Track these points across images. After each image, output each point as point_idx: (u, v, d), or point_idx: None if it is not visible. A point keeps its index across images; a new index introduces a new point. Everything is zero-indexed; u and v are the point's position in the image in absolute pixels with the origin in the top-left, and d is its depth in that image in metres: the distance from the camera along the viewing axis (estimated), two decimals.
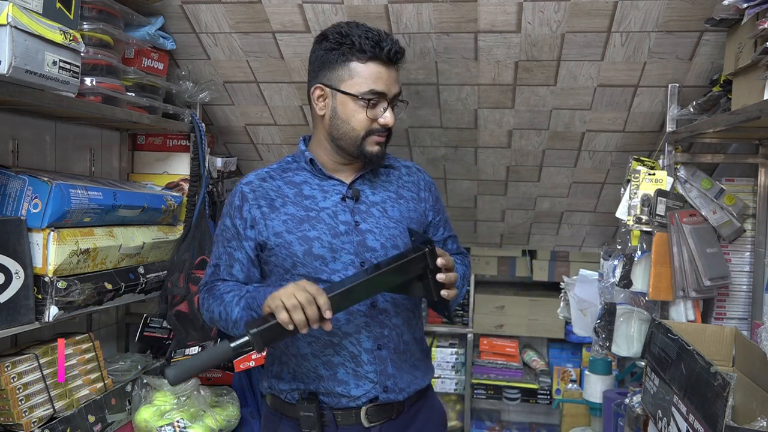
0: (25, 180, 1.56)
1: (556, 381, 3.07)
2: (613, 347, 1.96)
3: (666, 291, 1.86)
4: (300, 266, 1.41)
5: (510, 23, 1.92)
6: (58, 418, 1.62)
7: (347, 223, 1.43)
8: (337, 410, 1.42)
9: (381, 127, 1.42)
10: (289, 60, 2.18)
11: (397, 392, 1.45)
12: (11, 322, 1.47)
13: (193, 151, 2.17)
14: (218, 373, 2.14)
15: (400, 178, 1.55)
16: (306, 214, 1.43)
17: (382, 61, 1.39)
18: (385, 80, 1.39)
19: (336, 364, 1.42)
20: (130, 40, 1.90)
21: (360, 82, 1.39)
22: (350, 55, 1.39)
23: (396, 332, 1.45)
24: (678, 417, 1.34)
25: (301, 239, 1.40)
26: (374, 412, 1.43)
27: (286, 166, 1.52)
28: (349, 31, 1.40)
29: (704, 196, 1.92)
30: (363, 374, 1.42)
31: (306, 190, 1.46)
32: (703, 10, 1.79)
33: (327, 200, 1.45)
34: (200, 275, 1.94)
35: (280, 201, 1.45)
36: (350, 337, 1.41)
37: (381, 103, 1.41)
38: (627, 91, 2.13)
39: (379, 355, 1.43)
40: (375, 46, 1.37)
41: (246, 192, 1.46)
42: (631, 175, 1.96)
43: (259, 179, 1.49)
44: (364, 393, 1.42)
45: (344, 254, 1.41)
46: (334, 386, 1.42)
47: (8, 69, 1.26)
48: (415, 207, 1.53)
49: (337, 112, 1.42)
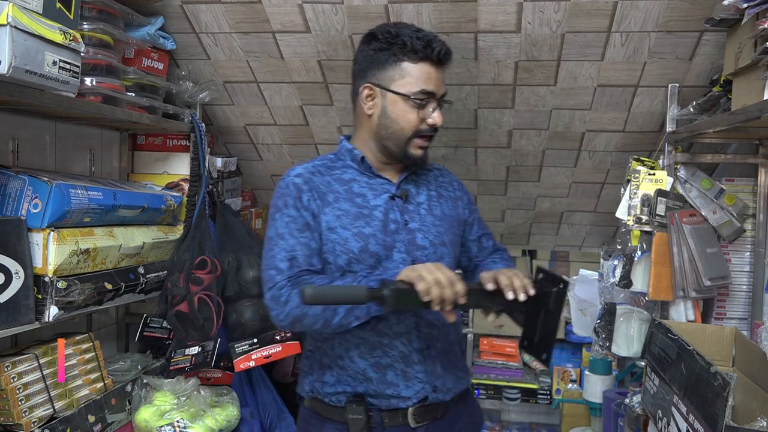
0: (25, 180, 1.56)
1: (556, 381, 3.07)
2: (613, 347, 1.96)
3: (666, 291, 1.86)
4: (355, 263, 1.38)
5: (510, 23, 1.92)
6: (58, 418, 1.62)
7: (397, 221, 1.43)
8: (384, 412, 1.41)
9: (429, 127, 1.42)
10: (289, 60, 2.18)
11: (444, 392, 1.45)
12: (11, 322, 1.47)
13: (193, 151, 2.17)
14: (218, 373, 2.14)
15: (436, 179, 1.56)
16: (359, 211, 1.41)
17: (432, 62, 1.40)
18: (435, 81, 1.40)
19: (385, 366, 1.40)
20: (130, 40, 1.90)
21: (411, 82, 1.39)
22: (402, 55, 1.39)
23: (443, 332, 1.46)
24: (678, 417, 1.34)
25: (357, 235, 1.39)
26: (421, 413, 1.42)
27: (330, 164, 1.49)
28: (399, 31, 1.40)
29: (704, 196, 1.92)
30: (413, 374, 1.41)
31: (355, 187, 1.45)
32: (703, 10, 1.79)
33: (377, 198, 1.44)
34: (200, 275, 1.95)
35: (331, 196, 1.42)
36: (401, 337, 1.40)
37: (430, 103, 1.41)
38: (627, 91, 2.13)
39: (429, 354, 1.43)
40: (426, 47, 1.38)
41: (300, 183, 1.42)
42: (631, 175, 1.96)
43: (308, 172, 1.45)
44: (414, 393, 1.41)
45: (396, 252, 1.41)
46: (384, 388, 1.40)
47: (8, 69, 1.26)
48: (453, 206, 1.55)
49: (386, 111, 1.42)
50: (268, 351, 1.97)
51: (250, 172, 2.81)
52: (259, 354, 1.97)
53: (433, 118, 1.41)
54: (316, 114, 2.43)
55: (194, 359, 1.93)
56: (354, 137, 1.52)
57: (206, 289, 1.94)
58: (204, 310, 1.92)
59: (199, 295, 1.92)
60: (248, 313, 2.01)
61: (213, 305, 1.93)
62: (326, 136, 2.54)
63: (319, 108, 2.39)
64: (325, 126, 2.48)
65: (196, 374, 1.97)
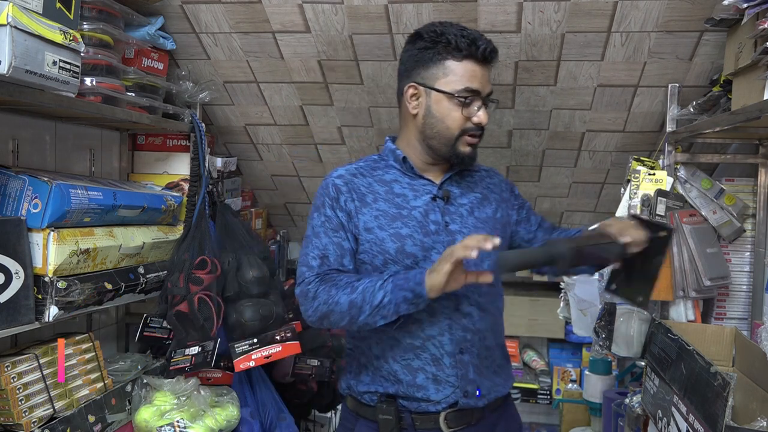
0: (25, 180, 1.56)
1: (556, 381, 3.07)
2: (613, 347, 1.96)
3: (666, 291, 1.86)
4: (391, 264, 1.39)
5: (510, 23, 1.92)
6: (58, 418, 1.62)
7: (437, 222, 1.42)
8: (416, 414, 1.40)
9: (475, 126, 1.40)
10: (289, 60, 2.18)
11: (477, 398, 1.42)
12: (11, 322, 1.47)
13: (193, 151, 2.17)
14: (218, 373, 2.13)
15: (482, 180, 1.54)
16: (398, 212, 1.41)
17: (477, 60, 1.38)
18: (480, 79, 1.39)
19: (415, 368, 1.40)
20: (130, 40, 1.90)
21: (455, 80, 1.38)
22: (446, 54, 1.38)
23: (479, 337, 1.43)
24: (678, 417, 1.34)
25: (394, 236, 1.39)
26: (453, 418, 1.41)
27: (373, 164, 1.50)
28: (444, 30, 1.39)
29: (704, 196, 1.92)
30: (443, 378, 1.40)
31: (396, 188, 1.45)
32: (703, 10, 1.79)
33: (418, 199, 1.43)
34: (200, 275, 1.94)
35: (371, 197, 1.43)
36: (433, 339, 1.39)
37: (475, 101, 1.39)
38: (627, 91, 2.13)
39: (461, 359, 1.41)
40: (471, 45, 1.37)
41: (339, 184, 1.44)
42: (631, 175, 1.96)
43: (350, 174, 1.46)
44: (444, 397, 1.40)
45: (435, 254, 1.39)
46: (414, 391, 1.39)
47: (8, 69, 1.26)
48: (499, 208, 1.52)
49: (431, 110, 1.41)
50: (268, 351, 1.97)
51: (250, 172, 2.81)
52: (259, 354, 1.97)
53: (478, 116, 1.39)
54: (316, 114, 2.43)
55: (194, 359, 1.93)
56: (399, 138, 1.51)
57: (206, 289, 1.94)
58: (204, 310, 1.92)
59: (199, 295, 1.92)
60: (248, 313, 2.01)
61: (213, 305, 1.93)
62: (326, 136, 2.54)
63: (319, 108, 2.39)
64: (325, 126, 2.48)
65: (196, 374, 1.97)
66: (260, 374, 2.18)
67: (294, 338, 2.04)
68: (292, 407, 2.25)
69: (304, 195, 2.92)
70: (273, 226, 3.13)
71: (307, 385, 2.33)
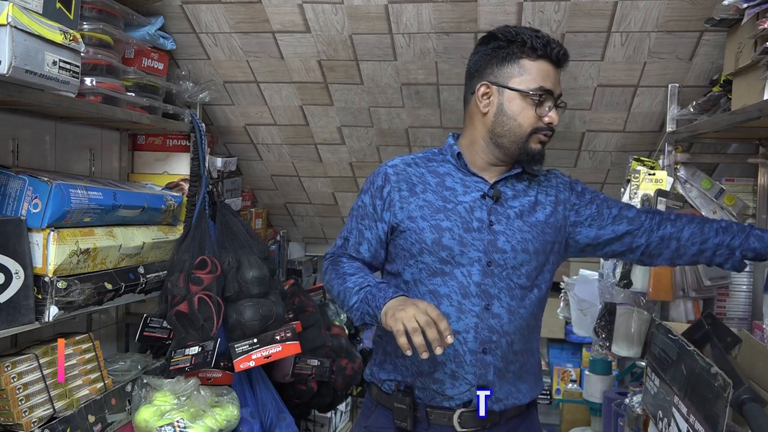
0: (25, 180, 1.56)
1: (556, 381, 3.07)
2: (613, 347, 1.96)
3: (666, 291, 1.86)
4: (427, 254, 1.40)
5: (510, 23, 1.92)
6: (58, 418, 1.62)
7: (481, 220, 1.41)
8: (430, 408, 1.42)
9: (546, 125, 1.41)
10: (289, 60, 2.17)
11: (493, 401, 1.41)
12: (11, 322, 1.47)
13: (193, 151, 2.17)
14: (218, 373, 2.13)
15: (539, 184, 1.50)
16: (443, 205, 1.43)
17: (551, 61, 1.39)
18: (553, 79, 1.40)
19: (437, 362, 1.40)
20: (130, 40, 1.89)
21: (530, 79, 1.39)
22: (521, 53, 1.39)
23: (506, 340, 1.41)
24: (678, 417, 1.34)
25: (434, 227, 1.41)
26: (467, 418, 1.41)
27: (431, 156, 1.52)
28: (519, 30, 1.41)
29: (704, 196, 1.93)
30: (461, 375, 1.40)
31: (448, 181, 1.46)
32: (703, 10, 1.79)
33: (467, 195, 1.44)
34: (200, 275, 1.94)
35: (420, 187, 1.45)
36: (458, 335, 1.39)
37: (548, 101, 1.40)
38: (627, 91, 2.13)
39: (483, 359, 1.40)
40: (546, 45, 1.38)
41: (390, 174, 1.47)
42: (631, 175, 1.96)
43: (404, 163, 1.49)
44: (458, 394, 1.40)
45: (473, 251, 1.40)
46: (430, 383, 1.41)
47: (8, 69, 1.26)
48: (552, 211, 1.48)
49: (503, 108, 1.41)
50: (268, 351, 1.97)
51: (250, 172, 2.81)
52: (259, 354, 1.97)
53: (549, 116, 1.40)
54: (316, 114, 2.43)
55: (194, 359, 1.93)
56: (462, 136, 1.52)
57: (206, 289, 1.94)
58: (204, 310, 1.92)
59: (199, 295, 1.92)
60: (248, 313, 2.01)
61: (213, 305, 1.93)
62: (326, 136, 2.54)
63: (319, 108, 2.39)
64: (325, 126, 2.48)
65: (196, 374, 1.97)
66: (260, 374, 2.18)
67: (294, 338, 2.04)
68: (292, 407, 2.26)
69: (304, 195, 2.92)
70: (273, 226, 3.13)
71: (307, 385, 2.33)
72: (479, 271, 1.39)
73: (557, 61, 1.40)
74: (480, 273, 1.39)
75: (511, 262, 1.40)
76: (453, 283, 1.40)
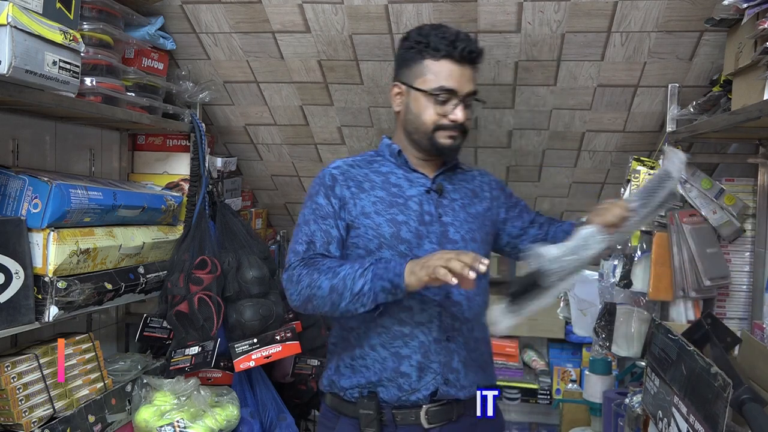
0: (25, 180, 1.56)
1: (556, 381, 3.07)
2: (613, 347, 1.96)
3: (666, 291, 1.86)
4: (386, 248, 1.43)
5: (510, 23, 1.92)
6: (58, 418, 1.62)
7: (431, 214, 1.47)
8: (396, 409, 1.43)
9: (450, 122, 1.44)
10: (289, 60, 2.17)
11: (458, 388, 1.44)
12: (11, 322, 1.47)
13: (193, 151, 2.17)
14: (218, 373, 2.13)
15: (474, 179, 1.60)
16: (394, 200, 1.47)
17: (455, 60, 1.42)
18: (457, 78, 1.43)
19: (403, 356, 1.43)
20: (130, 40, 1.89)
21: (431, 79, 1.43)
22: (425, 53, 1.44)
23: (467, 327, 1.47)
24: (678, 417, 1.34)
25: (390, 221, 1.44)
26: (434, 413, 1.43)
27: (370, 158, 1.56)
28: (428, 31, 1.45)
29: (704, 196, 1.92)
30: (427, 365, 1.42)
31: (392, 179, 1.51)
32: (703, 10, 1.79)
33: (413, 189, 1.49)
34: (200, 275, 1.94)
35: (368, 185, 1.49)
36: (422, 326, 1.43)
37: (451, 100, 1.44)
38: (627, 91, 2.13)
39: (447, 346, 1.44)
40: (449, 45, 1.42)
41: (336, 174, 1.49)
42: (631, 175, 1.96)
43: (346, 165, 1.52)
44: (424, 384, 1.42)
45: (428, 242, 1.45)
46: (396, 377, 1.42)
47: (8, 69, 1.26)
48: (489, 206, 1.58)
49: (410, 107, 1.47)
50: (268, 351, 1.97)
51: (250, 172, 2.81)
52: (259, 354, 1.97)
53: (454, 114, 1.43)
54: (316, 114, 2.43)
55: (194, 359, 1.93)
56: (393, 136, 1.58)
57: (206, 289, 1.94)
58: (204, 310, 1.92)
59: (199, 295, 1.92)
60: (248, 313, 2.01)
61: (213, 305, 1.93)
62: (326, 136, 2.54)
63: (319, 108, 2.39)
64: (325, 126, 2.48)
65: (196, 374, 1.97)
66: (260, 374, 2.18)
67: (294, 338, 2.04)
68: (292, 407, 2.26)
69: (304, 195, 2.91)
70: (273, 226, 3.13)
71: (307, 385, 2.33)
72: None
73: (462, 59, 1.43)
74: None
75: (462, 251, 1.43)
76: None
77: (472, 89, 1.46)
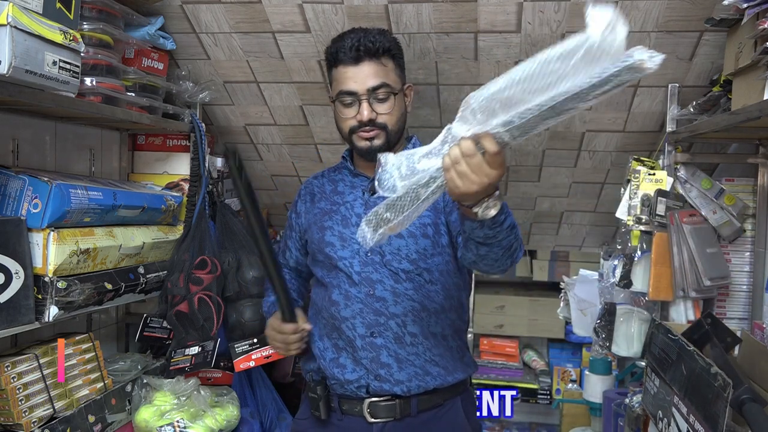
0: (25, 180, 1.56)
1: (556, 381, 3.07)
2: (613, 347, 1.96)
3: (666, 291, 1.86)
4: (318, 252, 1.57)
5: (510, 23, 1.92)
6: (58, 418, 1.62)
7: (359, 215, 1.52)
8: (342, 398, 1.50)
9: (358, 123, 1.48)
10: (289, 60, 2.17)
11: (392, 383, 1.45)
12: (11, 322, 1.47)
13: (193, 151, 2.17)
14: (218, 373, 2.14)
15: None
16: (330, 208, 1.59)
17: (346, 63, 1.48)
18: (353, 79, 1.47)
19: (340, 347, 1.51)
20: (130, 40, 1.89)
21: (336, 86, 1.51)
22: (330, 65, 1.54)
23: (395, 322, 1.47)
24: (678, 417, 1.34)
25: (320, 228, 1.57)
26: (376, 408, 1.46)
27: (336, 167, 1.68)
28: (333, 41, 1.53)
29: (704, 196, 1.92)
30: (359, 359, 1.47)
31: (340, 186, 1.62)
32: (703, 10, 1.79)
33: (351, 195, 1.58)
34: (200, 275, 1.95)
35: (318, 196, 1.63)
36: (347, 321, 1.49)
37: (355, 102, 1.49)
38: (627, 91, 2.13)
39: (372, 342, 1.47)
40: (337, 51, 1.48)
41: (302, 189, 1.70)
42: (631, 175, 1.96)
43: (314, 177, 1.70)
44: (356, 378, 1.47)
45: (353, 243, 1.51)
46: (333, 367, 1.50)
47: (8, 69, 1.26)
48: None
49: (335, 115, 1.56)
50: (268, 351, 1.97)
51: (250, 173, 2.80)
52: (259, 354, 1.97)
53: (360, 113, 1.47)
54: (316, 114, 2.42)
55: (194, 359, 1.93)
56: None
57: (206, 289, 1.94)
58: (204, 310, 1.92)
59: (199, 295, 1.92)
60: (248, 313, 2.01)
61: (213, 305, 1.93)
62: (326, 136, 2.54)
63: (319, 108, 2.39)
64: (325, 126, 2.48)
65: (196, 374, 1.97)
66: (260, 374, 2.19)
67: None
68: (292, 407, 2.25)
69: None
70: (273, 226, 3.13)
71: None
72: (359, 262, 1.50)
73: (355, 58, 1.46)
74: (360, 263, 1.50)
75: (387, 248, 1.48)
76: (341, 274, 1.51)
77: (375, 84, 1.47)
